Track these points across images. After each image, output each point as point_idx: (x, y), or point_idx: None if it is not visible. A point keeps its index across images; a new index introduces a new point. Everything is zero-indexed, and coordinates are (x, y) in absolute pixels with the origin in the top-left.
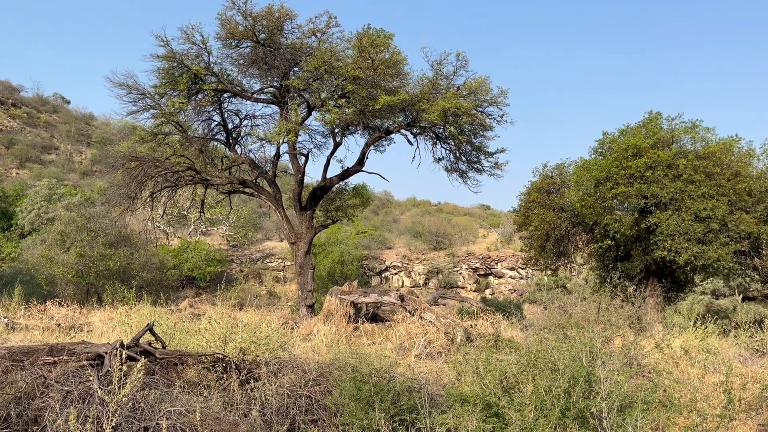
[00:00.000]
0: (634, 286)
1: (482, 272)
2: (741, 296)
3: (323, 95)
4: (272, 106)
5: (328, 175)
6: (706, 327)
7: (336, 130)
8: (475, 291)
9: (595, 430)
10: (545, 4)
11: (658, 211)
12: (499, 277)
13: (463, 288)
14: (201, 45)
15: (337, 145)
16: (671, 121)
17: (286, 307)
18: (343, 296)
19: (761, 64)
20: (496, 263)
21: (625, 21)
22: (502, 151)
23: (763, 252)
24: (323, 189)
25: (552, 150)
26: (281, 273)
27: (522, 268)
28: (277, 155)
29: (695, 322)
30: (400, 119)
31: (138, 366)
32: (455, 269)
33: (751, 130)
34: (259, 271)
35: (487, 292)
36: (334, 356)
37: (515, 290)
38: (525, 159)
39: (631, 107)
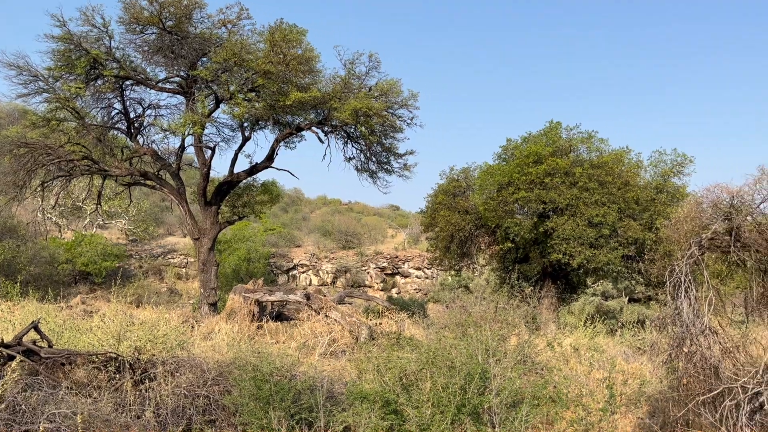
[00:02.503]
0: (531, 287)
1: (389, 272)
2: (627, 298)
3: (232, 88)
4: (178, 96)
5: (236, 170)
6: (595, 326)
7: (245, 125)
8: (382, 290)
9: (487, 425)
10: (456, 16)
11: (555, 216)
12: (406, 277)
13: (370, 287)
14: (102, 28)
15: (245, 140)
16: (569, 131)
17: (188, 305)
18: (247, 294)
19: (652, 80)
20: (403, 263)
21: (527, 33)
22: (411, 153)
23: (646, 257)
24: (230, 184)
25: (459, 154)
26: (183, 270)
27: (428, 268)
28: (182, 147)
29: (585, 322)
30: (311, 116)
31: (13, 365)
32: (363, 268)
33: (639, 141)
34: (159, 267)
35: (394, 291)
36: (234, 355)
37: (421, 290)
38: (433, 162)
39: (534, 115)
